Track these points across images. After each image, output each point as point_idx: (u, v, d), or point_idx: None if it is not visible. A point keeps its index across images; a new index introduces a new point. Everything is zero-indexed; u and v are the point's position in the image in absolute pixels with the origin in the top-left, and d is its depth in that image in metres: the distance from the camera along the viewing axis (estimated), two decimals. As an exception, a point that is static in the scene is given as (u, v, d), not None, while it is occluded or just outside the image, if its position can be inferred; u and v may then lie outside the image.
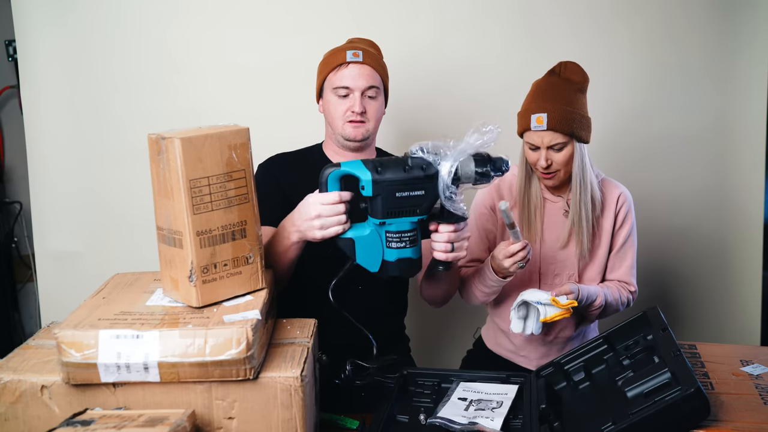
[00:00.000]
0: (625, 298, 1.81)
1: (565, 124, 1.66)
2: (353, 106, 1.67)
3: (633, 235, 1.84)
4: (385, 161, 1.34)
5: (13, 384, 1.15)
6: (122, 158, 2.34)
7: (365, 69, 1.69)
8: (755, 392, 1.31)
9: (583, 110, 1.72)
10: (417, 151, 1.32)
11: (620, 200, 1.80)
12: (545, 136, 1.67)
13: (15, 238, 3.26)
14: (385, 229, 1.36)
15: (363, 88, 1.67)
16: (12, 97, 3.18)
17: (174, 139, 1.18)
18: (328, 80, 1.70)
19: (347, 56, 1.68)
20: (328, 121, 1.73)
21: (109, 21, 2.30)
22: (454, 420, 1.35)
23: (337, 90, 1.68)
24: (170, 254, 1.25)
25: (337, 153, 1.76)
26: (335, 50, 1.73)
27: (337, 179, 1.35)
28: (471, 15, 2.36)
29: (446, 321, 2.48)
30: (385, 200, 1.33)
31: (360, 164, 1.34)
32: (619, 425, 1.19)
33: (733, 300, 2.60)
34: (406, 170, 1.32)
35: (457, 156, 1.31)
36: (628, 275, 1.83)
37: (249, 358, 1.13)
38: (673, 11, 2.41)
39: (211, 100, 2.33)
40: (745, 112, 2.49)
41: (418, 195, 1.33)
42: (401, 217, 1.35)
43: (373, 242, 1.38)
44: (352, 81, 1.67)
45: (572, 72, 1.72)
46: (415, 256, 1.39)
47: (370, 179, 1.32)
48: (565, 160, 1.70)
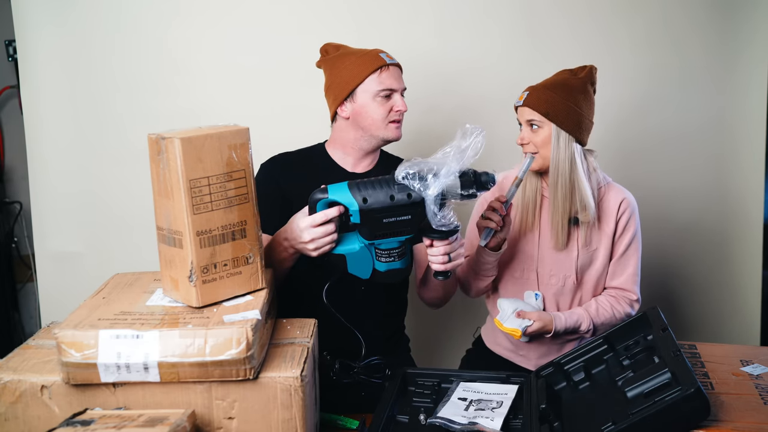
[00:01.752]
0: (622, 312, 1.78)
1: (542, 103, 1.69)
2: (398, 105, 1.66)
3: (636, 242, 1.80)
4: (371, 186, 1.35)
5: (13, 384, 1.15)
6: (122, 159, 2.34)
7: (399, 70, 1.70)
8: (755, 392, 1.31)
9: (573, 102, 1.70)
10: (402, 179, 1.32)
11: (622, 206, 1.78)
12: (524, 112, 1.73)
13: (15, 238, 3.27)
14: (375, 247, 1.40)
15: (402, 88, 1.69)
16: (12, 97, 3.18)
17: (174, 139, 1.18)
18: (367, 85, 1.65)
19: (384, 59, 1.66)
20: (361, 126, 1.68)
21: (109, 21, 2.30)
22: (454, 420, 1.35)
23: (381, 92, 1.65)
24: (170, 254, 1.25)
25: (347, 155, 1.74)
26: (363, 55, 1.68)
27: (324, 205, 1.38)
28: (471, 15, 2.36)
29: (446, 321, 2.48)
30: (372, 227, 1.36)
31: (346, 191, 1.35)
32: (619, 425, 1.19)
33: (733, 300, 2.60)
34: (392, 198, 1.33)
35: (442, 180, 1.31)
36: (630, 283, 1.80)
37: (249, 358, 1.13)
38: (673, 11, 2.41)
39: (211, 100, 2.33)
40: (745, 111, 2.49)
41: (405, 219, 1.35)
42: (389, 237, 1.37)
43: (363, 256, 1.42)
44: (396, 82, 1.67)
45: (582, 70, 1.75)
46: (404, 266, 1.43)
47: (357, 209, 1.34)
48: (540, 141, 1.71)
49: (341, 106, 1.69)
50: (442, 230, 1.37)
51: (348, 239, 1.43)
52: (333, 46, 1.76)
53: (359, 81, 1.65)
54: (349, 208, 1.35)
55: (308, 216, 1.40)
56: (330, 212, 1.37)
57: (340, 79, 1.69)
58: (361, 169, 1.75)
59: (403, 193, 1.33)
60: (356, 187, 1.34)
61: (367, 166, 1.76)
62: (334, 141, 1.76)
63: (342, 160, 1.75)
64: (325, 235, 1.39)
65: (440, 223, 1.33)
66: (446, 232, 1.38)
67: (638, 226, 1.81)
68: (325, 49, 1.76)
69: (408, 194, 1.32)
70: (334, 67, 1.71)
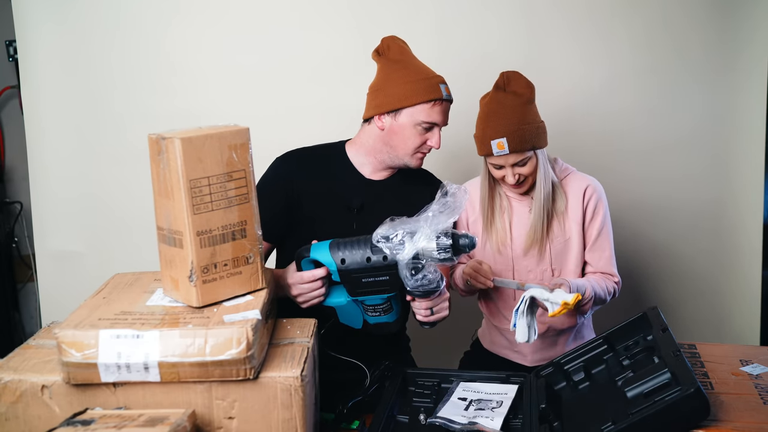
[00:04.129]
0: (611, 288, 1.81)
1: (526, 142, 1.69)
2: (434, 142, 1.64)
3: (607, 226, 1.83)
4: (350, 246, 1.38)
5: (13, 384, 1.15)
6: (123, 159, 2.34)
7: (449, 105, 1.67)
8: (755, 392, 1.31)
9: (537, 120, 1.74)
10: (377, 242, 1.33)
11: (587, 193, 1.80)
12: (509, 158, 1.72)
13: (15, 238, 3.27)
14: (361, 302, 1.43)
15: (444, 124, 1.67)
16: (12, 97, 3.18)
17: (174, 139, 1.18)
18: (416, 110, 1.61)
19: (442, 92, 1.62)
20: (391, 143, 1.65)
21: (109, 21, 2.31)
22: (454, 420, 1.35)
23: (424, 123, 1.62)
24: (170, 254, 1.26)
25: (368, 163, 1.71)
26: (426, 80, 1.62)
27: (309, 261, 1.43)
28: (471, 13, 2.36)
29: (446, 321, 2.47)
30: (352, 285, 1.40)
31: (326, 251, 1.39)
32: (619, 425, 1.19)
33: (733, 300, 2.60)
34: (369, 260, 1.36)
35: (415, 245, 1.31)
36: (609, 266, 1.83)
37: (249, 358, 1.13)
38: (673, 10, 2.41)
39: (211, 101, 2.34)
40: (745, 110, 2.49)
41: (384, 280, 1.37)
42: (372, 295, 1.40)
43: (352, 309, 1.46)
44: (442, 118, 1.64)
45: (517, 84, 1.72)
46: (392, 320, 1.46)
47: (336, 269, 1.39)
48: (531, 170, 1.75)
49: (382, 116, 1.65)
50: (419, 291, 1.38)
51: (336, 293, 1.47)
52: (397, 45, 1.69)
53: (410, 104, 1.61)
54: (329, 268, 1.40)
55: (296, 272, 1.45)
56: (318, 272, 1.42)
57: (392, 90, 1.63)
58: (379, 177, 1.73)
59: (378, 255, 1.35)
60: (336, 247, 1.39)
61: (384, 175, 1.73)
62: (358, 143, 1.73)
63: (361, 165, 1.72)
64: (311, 291, 1.45)
65: (415, 285, 1.35)
66: (425, 293, 1.40)
67: (606, 210, 1.84)
68: (387, 45, 1.69)
69: (384, 256, 1.35)
70: (392, 75, 1.64)
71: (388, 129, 1.65)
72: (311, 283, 1.44)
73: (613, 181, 2.14)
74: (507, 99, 1.72)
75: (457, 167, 2.28)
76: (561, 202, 1.80)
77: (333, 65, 2.36)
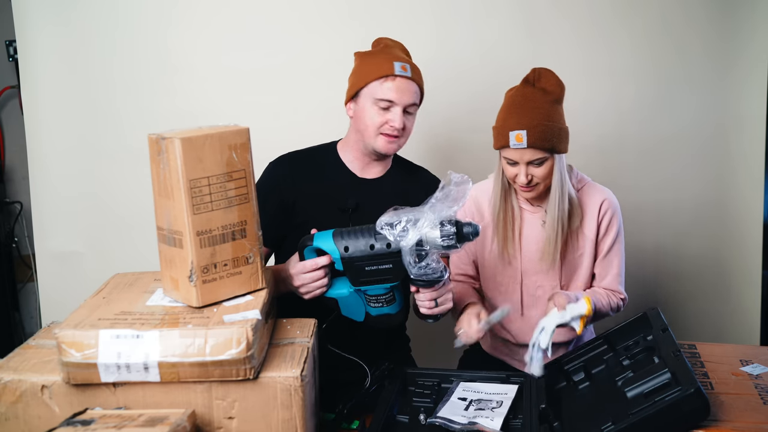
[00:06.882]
0: (615, 303, 1.74)
1: (546, 140, 1.60)
2: (393, 121, 1.62)
3: (619, 242, 1.76)
4: (354, 235, 1.37)
5: (13, 384, 1.15)
6: (123, 159, 2.34)
7: (411, 85, 1.64)
8: (755, 392, 1.31)
9: (561, 122, 1.66)
10: (381, 229, 1.33)
11: (603, 207, 1.74)
12: (525, 153, 1.62)
13: (15, 238, 3.27)
14: (363, 292, 1.42)
15: (406, 104, 1.63)
16: (12, 97, 3.18)
17: (174, 139, 1.18)
18: (370, 89, 1.63)
19: (395, 68, 1.61)
20: (358, 128, 1.66)
21: (110, 21, 2.30)
22: (454, 420, 1.35)
23: (379, 102, 1.61)
24: (170, 254, 1.26)
25: (356, 158, 1.72)
26: (380, 58, 1.64)
27: (312, 250, 1.42)
28: (472, 15, 2.36)
29: (446, 321, 2.47)
30: (355, 274, 1.39)
31: (330, 240, 1.39)
32: (619, 425, 1.19)
33: (733, 300, 2.60)
34: (372, 247, 1.36)
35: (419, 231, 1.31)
36: (615, 283, 1.76)
37: (249, 358, 1.13)
38: (673, 11, 2.41)
39: (211, 101, 2.33)
40: (745, 110, 2.49)
41: (387, 268, 1.37)
42: (374, 284, 1.39)
43: (354, 300, 1.45)
44: (397, 96, 1.61)
45: (548, 81, 1.65)
46: (394, 312, 1.45)
47: (339, 257, 1.38)
48: (545, 174, 1.65)
49: (348, 103, 1.69)
50: (422, 280, 1.38)
51: (339, 284, 1.46)
52: (377, 42, 1.72)
53: (364, 83, 1.63)
54: (332, 256, 1.39)
55: (299, 262, 1.44)
56: (320, 261, 1.41)
57: (353, 76, 1.68)
58: (371, 175, 1.73)
59: (382, 242, 1.35)
60: (340, 236, 1.39)
61: (377, 173, 1.73)
62: (346, 140, 1.75)
63: (351, 163, 1.73)
64: (313, 281, 1.44)
65: (419, 273, 1.34)
66: (428, 282, 1.39)
67: (621, 226, 1.77)
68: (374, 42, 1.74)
69: (387, 244, 1.34)
70: (356, 63, 1.70)
71: (354, 115, 1.68)
72: (314, 273, 1.42)
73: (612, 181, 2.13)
74: (535, 94, 1.64)
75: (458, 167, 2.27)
76: (577, 218, 1.72)
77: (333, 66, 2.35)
